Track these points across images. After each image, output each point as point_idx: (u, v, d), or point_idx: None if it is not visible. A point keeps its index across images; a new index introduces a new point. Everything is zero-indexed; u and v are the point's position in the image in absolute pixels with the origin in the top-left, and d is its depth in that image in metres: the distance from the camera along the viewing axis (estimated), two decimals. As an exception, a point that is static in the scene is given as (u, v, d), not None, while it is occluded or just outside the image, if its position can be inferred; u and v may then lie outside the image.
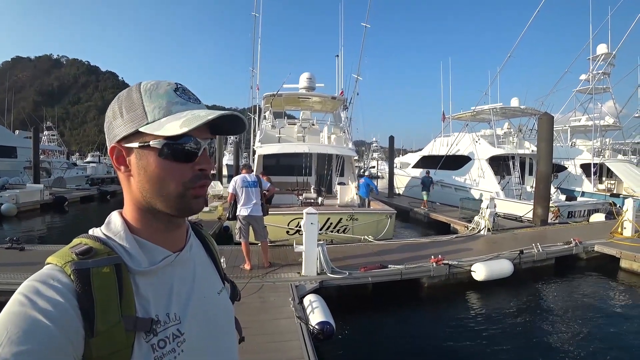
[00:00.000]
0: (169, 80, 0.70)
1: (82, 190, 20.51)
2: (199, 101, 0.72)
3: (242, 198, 5.86)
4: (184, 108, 0.67)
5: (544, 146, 10.95)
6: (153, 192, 0.66)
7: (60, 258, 0.60)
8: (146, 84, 0.69)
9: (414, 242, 8.50)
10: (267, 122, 12.70)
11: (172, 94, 0.67)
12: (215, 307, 0.77)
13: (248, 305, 4.63)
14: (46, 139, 33.18)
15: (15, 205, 13.45)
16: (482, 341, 4.79)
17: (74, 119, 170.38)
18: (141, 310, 0.62)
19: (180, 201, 0.67)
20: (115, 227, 0.68)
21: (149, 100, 0.66)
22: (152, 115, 0.65)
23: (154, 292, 0.65)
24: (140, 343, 0.60)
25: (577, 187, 15.32)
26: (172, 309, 0.66)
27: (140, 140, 0.65)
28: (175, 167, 0.65)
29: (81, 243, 0.64)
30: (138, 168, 0.66)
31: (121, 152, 0.68)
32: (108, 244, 0.65)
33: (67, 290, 0.56)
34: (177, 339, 0.64)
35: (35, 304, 0.53)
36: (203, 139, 0.68)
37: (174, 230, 0.72)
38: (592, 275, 7.44)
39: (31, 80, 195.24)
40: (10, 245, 7.00)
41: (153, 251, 0.68)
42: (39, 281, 0.56)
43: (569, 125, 19.46)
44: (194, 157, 0.66)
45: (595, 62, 18.00)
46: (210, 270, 0.83)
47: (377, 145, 50.69)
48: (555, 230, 10.06)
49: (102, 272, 0.59)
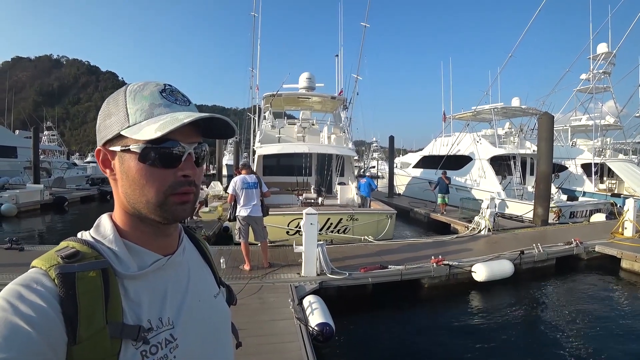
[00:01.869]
0: (159, 81, 0.68)
1: (82, 190, 20.48)
2: (187, 103, 0.69)
3: (242, 199, 5.85)
4: (168, 110, 0.64)
5: (544, 146, 10.92)
6: (135, 198, 0.64)
7: (46, 261, 0.58)
8: (133, 86, 0.67)
9: (414, 243, 8.48)
10: (266, 122, 12.70)
11: (157, 96, 0.65)
12: (211, 311, 0.75)
13: (247, 306, 4.61)
14: (46, 139, 33.21)
15: (15, 206, 13.44)
16: (483, 342, 4.77)
17: (74, 119, 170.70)
18: (131, 316, 0.60)
19: (161, 208, 0.64)
20: (104, 230, 0.67)
21: (132, 102, 0.64)
22: (133, 118, 0.63)
23: (146, 296, 0.63)
24: (128, 350, 0.58)
25: (578, 187, 15.29)
26: (165, 313, 0.65)
27: (122, 144, 0.64)
28: (156, 173, 0.63)
29: (68, 246, 0.62)
30: (121, 172, 0.65)
31: (106, 156, 0.67)
32: (96, 247, 0.63)
33: (50, 295, 0.54)
34: (169, 344, 0.63)
35: (17, 310, 0.51)
36: (188, 143, 0.65)
37: (163, 234, 0.70)
38: (593, 276, 7.42)
39: (31, 80, 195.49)
40: (10, 246, 6.99)
41: (142, 255, 0.67)
42: (22, 285, 0.55)
43: (569, 125, 19.40)
44: (176, 162, 0.64)
45: (596, 61, 17.94)
46: (205, 273, 0.81)
47: (377, 145, 50.69)
48: (556, 230, 10.03)
49: (87, 277, 0.58)
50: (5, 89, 38.77)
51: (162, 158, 0.62)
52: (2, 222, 12.61)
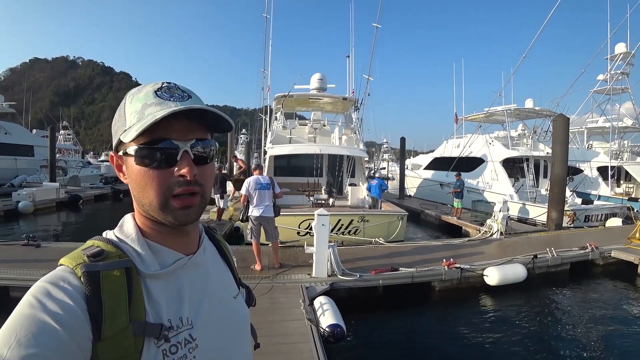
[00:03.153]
0: (158, 81, 0.67)
1: (96, 188, 20.87)
2: (185, 98, 0.65)
3: (255, 199, 5.89)
4: (159, 108, 0.61)
5: (559, 149, 10.72)
6: (141, 200, 0.65)
7: (72, 260, 0.60)
8: (134, 89, 0.67)
9: (425, 245, 8.41)
10: (278, 123, 12.74)
11: (150, 96, 0.63)
12: (230, 311, 0.75)
13: (258, 307, 4.55)
14: (62, 138, 33.96)
15: (32, 203, 13.73)
16: (494, 347, 4.71)
17: (89, 118, 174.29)
18: (152, 315, 0.61)
19: (164, 211, 0.63)
20: (127, 230, 0.68)
21: (129, 105, 0.64)
22: (129, 121, 0.63)
23: (166, 296, 0.64)
24: (150, 348, 0.59)
25: (593, 191, 14.94)
26: (184, 313, 0.65)
27: (123, 148, 0.65)
28: (153, 174, 0.62)
29: (93, 245, 0.63)
30: (128, 176, 0.66)
31: (118, 160, 0.68)
32: (120, 246, 0.64)
33: (77, 294, 0.56)
34: (188, 344, 0.63)
35: (45, 307, 0.53)
36: (184, 141, 0.63)
37: (181, 234, 0.70)
38: (609, 282, 7.25)
39: (48, 81, 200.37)
40: (26, 242, 7.17)
41: (164, 254, 0.67)
42: (50, 283, 0.56)
43: (585, 127, 19.01)
44: (172, 162, 0.62)
45: (614, 61, 17.53)
46: (225, 274, 0.82)
47: (387, 147, 50.48)
48: (571, 234, 9.84)
49: (111, 275, 0.59)
50: (24, 89, 39.69)
51: (155, 158, 0.61)
52: (19, 219, 12.93)
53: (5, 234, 10.58)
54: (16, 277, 5.38)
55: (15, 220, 12.70)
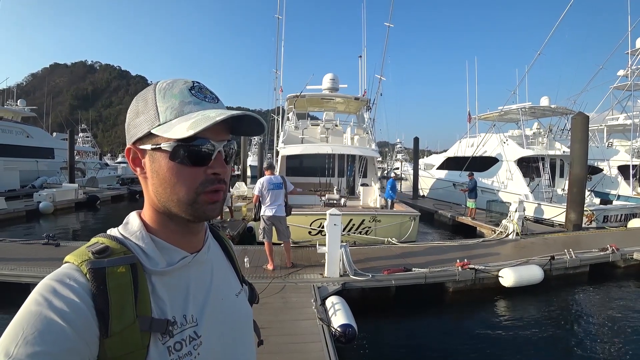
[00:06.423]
0: (187, 79, 0.68)
1: (113, 189, 21.37)
2: (216, 100, 0.68)
3: (268, 199, 5.93)
4: (198, 108, 0.64)
5: (578, 148, 10.42)
6: (166, 196, 0.65)
7: (77, 257, 0.60)
8: (162, 83, 0.67)
9: (438, 245, 8.31)
10: (290, 123, 12.80)
11: (186, 93, 0.65)
12: (233, 309, 0.76)
13: (270, 305, 4.66)
14: (81, 140, 34.90)
15: (52, 204, 14.18)
16: (508, 350, 4.62)
17: (106, 121, 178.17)
18: (157, 311, 0.61)
19: (192, 207, 0.64)
20: (132, 227, 0.68)
21: (162, 100, 0.64)
22: (164, 116, 0.63)
23: (171, 293, 0.64)
24: (157, 344, 0.59)
25: (612, 190, 14.49)
26: (188, 310, 0.65)
27: (153, 142, 0.64)
28: (187, 171, 0.63)
29: (98, 242, 0.64)
30: (151, 171, 0.65)
31: (137, 154, 0.67)
32: (125, 243, 0.64)
33: (83, 291, 0.56)
34: (193, 341, 0.64)
35: (52, 304, 0.53)
36: (218, 141, 0.65)
37: (191, 232, 0.71)
38: (630, 285, 7.02)
39: (68, 85, 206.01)
40: (47, 242, 7.41)
41: (170, 251, 0.68)
42: (56, 280, 0.56)
43: (605, 125, 18.46)
44: (207, 160, 0.64)
45: (635, 56, 16.95)
46: (228, 272, 0.82)
47: (401, 147, 50.15)
48: (590, 235, 9.56)
49: (117, 272, 0.59)
50: (44, 94, 40.90)
51: (193, 156, 0.63)
52: (39, 219, 13.36)
53: (27, 233, 10.91)
54: (37, 274, 5.53)
55: (37, 220, 13.15)
